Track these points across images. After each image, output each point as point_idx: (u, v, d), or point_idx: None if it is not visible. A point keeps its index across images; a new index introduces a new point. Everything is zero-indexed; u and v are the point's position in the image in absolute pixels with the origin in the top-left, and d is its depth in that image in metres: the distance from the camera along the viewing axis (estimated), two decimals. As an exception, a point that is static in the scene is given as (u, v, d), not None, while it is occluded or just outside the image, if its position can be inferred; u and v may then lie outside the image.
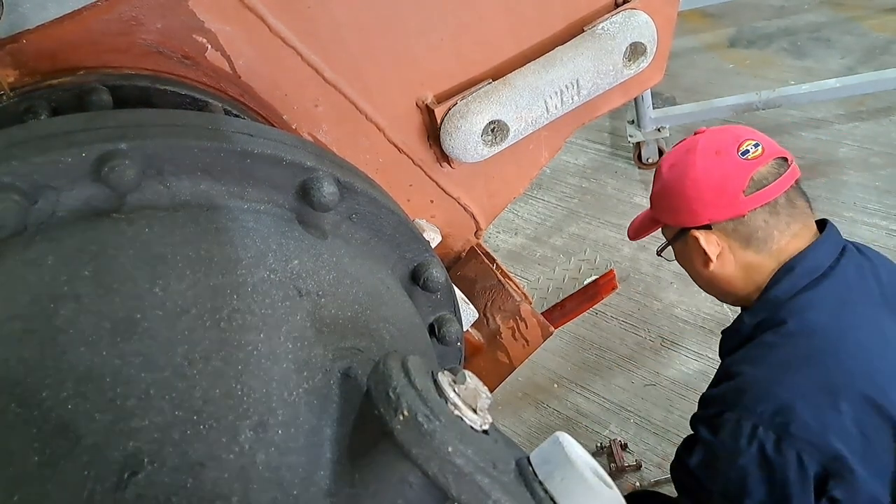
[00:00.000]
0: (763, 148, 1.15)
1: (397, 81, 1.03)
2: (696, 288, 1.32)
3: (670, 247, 1.31)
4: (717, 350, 1.30)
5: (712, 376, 1.21)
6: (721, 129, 1.24)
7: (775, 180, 1.13)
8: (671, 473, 1.24)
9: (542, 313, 1.32)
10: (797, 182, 1.17)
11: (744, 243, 1.16)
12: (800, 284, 1.12)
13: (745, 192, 1.13)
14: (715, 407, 1.10)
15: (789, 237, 1.15)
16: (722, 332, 1.29)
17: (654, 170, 1.34)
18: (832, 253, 1.15)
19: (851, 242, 1.21)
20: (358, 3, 0.93)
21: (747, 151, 1.15)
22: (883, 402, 0.99)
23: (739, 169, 1.14)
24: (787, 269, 1.14)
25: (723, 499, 1.07)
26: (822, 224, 1.22)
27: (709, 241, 1.17)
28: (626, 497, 1.46)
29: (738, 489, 1.04)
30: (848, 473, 0.97)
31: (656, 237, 1.39)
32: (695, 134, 1.26)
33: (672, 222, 1.26)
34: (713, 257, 1.18)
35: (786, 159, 1.16)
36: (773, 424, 1.00)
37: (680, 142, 1.29)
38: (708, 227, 1.18)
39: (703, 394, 1.18)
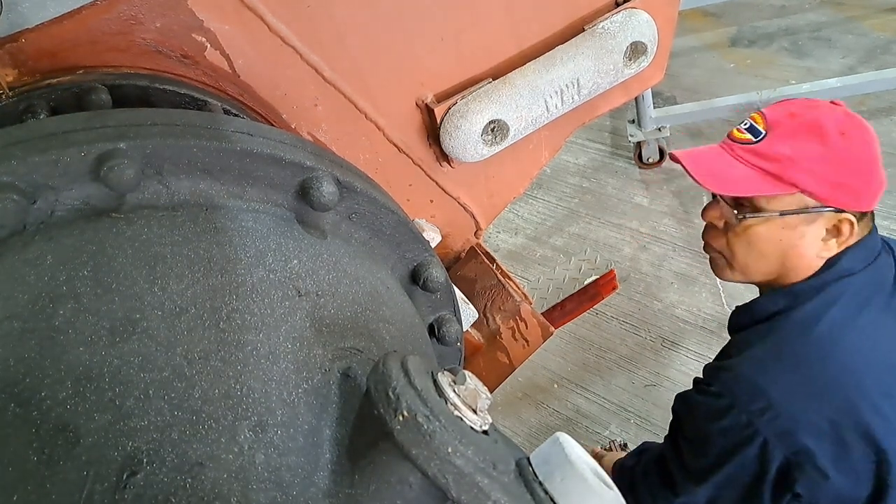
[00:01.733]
0: None
1: (397, 80, 1.03)
2: (697, 288, 1.31)
3: (759, 213, 1.08)
4: (727, 327, 1.27)
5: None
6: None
7: None
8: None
9: (542, 313, 1.32)
10: None
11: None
12: (828, 281, 1.07)
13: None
14: (708, 376, 1.15)
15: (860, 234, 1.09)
16: (736, 308, 1.24)
17: (804, 125, 1.06)
18: (867, 257, 1.09)
19: (886, 240, 1.15)
20: (358, 2, 0.92)
21: None
22: (862, 418, 0.98)
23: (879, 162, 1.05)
24: (825, 266, 1.08)
25: (688, 445, 1.15)
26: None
27: (853, 231, 1.05)
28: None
29: (701, 446, 1.11)
30: (812, 469, 1.00)
31: (655, 236, 1.38)
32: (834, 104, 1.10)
33: (824, 198, 1.04)
34: (840, 245, 1.07)
35: None
36: (746, 409, 1.03)
37: (814, 103, 1.10)
38: (858, 214, 1.05)
39: (707, 364, 1.19)
